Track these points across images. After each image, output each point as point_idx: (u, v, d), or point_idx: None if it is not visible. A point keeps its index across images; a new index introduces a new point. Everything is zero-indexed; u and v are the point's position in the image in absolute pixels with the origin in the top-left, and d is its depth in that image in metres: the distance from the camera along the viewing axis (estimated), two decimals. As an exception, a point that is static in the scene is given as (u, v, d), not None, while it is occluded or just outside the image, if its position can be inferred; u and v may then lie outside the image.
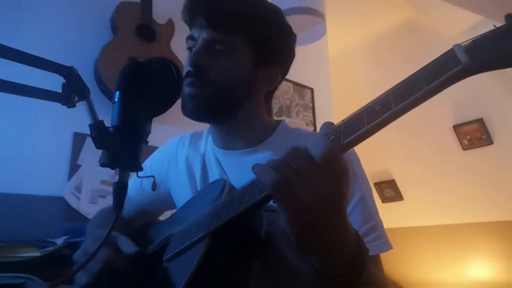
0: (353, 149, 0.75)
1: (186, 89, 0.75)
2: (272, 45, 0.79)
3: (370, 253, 0.64)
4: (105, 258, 0.66)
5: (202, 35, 0.75)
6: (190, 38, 0.78)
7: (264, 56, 0.77)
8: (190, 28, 0.80)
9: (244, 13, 0.76)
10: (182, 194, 0.86)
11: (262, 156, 0.77)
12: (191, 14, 0.77)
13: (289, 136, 0.79)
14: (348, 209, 0.66)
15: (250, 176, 0.55)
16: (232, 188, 0.64)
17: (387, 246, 0.69)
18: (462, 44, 0.39)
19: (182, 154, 0.90)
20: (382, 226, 0.71)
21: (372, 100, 0.45)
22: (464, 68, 0.37)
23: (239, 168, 0.78)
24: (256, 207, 0.51)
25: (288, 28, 0.83)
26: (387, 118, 0.41)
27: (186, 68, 0.76)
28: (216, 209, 0.59)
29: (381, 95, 0.44)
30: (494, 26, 0.38)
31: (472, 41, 0.39)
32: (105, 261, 0.66)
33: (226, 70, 0.74)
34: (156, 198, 0.94)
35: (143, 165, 0.95)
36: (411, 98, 0.40)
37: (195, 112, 0.75)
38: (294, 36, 0.84)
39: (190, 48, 0.78)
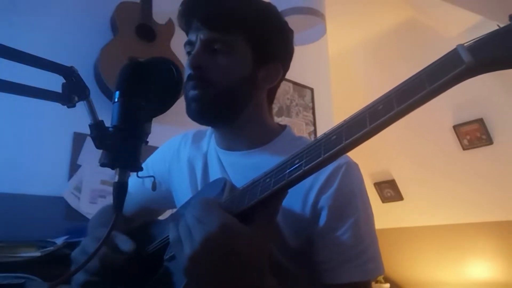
0: (357, 166, 0.74)
1: (190, 92, 0.75)
2: (270, 41, 0.78)
3: (357, 279, 0.65)
4: (102, 256, 0.65)
5: (199, 36, 0.74)
6: (188, 43, 0.78)
7: (263, 53, 0.77)
8: (187, 34, 0.79)
9: (238, 12, 0.75)
10: (183, 192, 0.86)
11: (263, 158, 0.77)
12: (187, 19, 0.77)
13: (291, 144, 0.78)
14: (340, 231, 0.67)
15: (250, 176, 0.56)
16: (233, 187, 0.64)
17: (376, 272, 0.67)
18: (465, 44, 0.38)
19: (184, 152, 0.90)
20: (376, 250, 0.69)
21: (375, 100, 0.44)
22: (467, 68, 0.36)
23: (240, 168, 0.78)
24: (256, 209, 0.51)
25: (284, 23, 0.82)
26: (390, 118, 0.40)
27: (187, 72, 0.76)
28: None
29: (384, 95, 0.43)
30: (498, 25, 0.37)
31: (476, 41, 0.38)
32: (102, 259, 0.66)
33: (226, 69, 0.74)
34: (158, 197, 0.94)
35: (145, 163, 0.97)
36: (414, 98, 0.39)
37: (199, 113, 0.75)
38: (291, 31, 0.84)
39: (189, 53, 0.78)
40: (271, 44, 0.78)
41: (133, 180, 0.67)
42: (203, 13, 0.74)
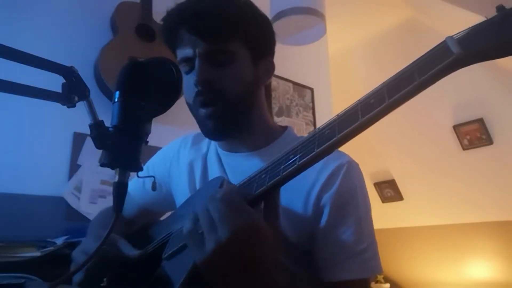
0: (357, 166, 0.75)
1: (202, 111, 0.72)
2: (262, 37, 0.78)
3: (358, 276, 0.67)
4: (103, 255, 0.66)
5: (198, 50, 0.71)
6: (184, 60, 0.74)
7: (258, 51, 0.77)
8: (174, 50, 0.75)
9: (230, 16, 0.72)
10: (182, 194, 0.86)
11: (264, 160, 0.76)
12: (176, 32, 0.73)
13: (292, 144, 0.79)
14: (342, 228, 0.68)
15: None
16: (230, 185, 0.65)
17: (376, 270, 0.69)
18: (454, 36, 0.39)
19: (184, 154, 0.90)
20: (375, 248, 0.71)
21: (366, 94, 0.45)
22: (456, 58, 0.37)
23: (241, 170, 0.78)
24: (253, 204, 0.52)
25: (263, 14, 0.80)
26: (381, 110, 0.41)
27: (190, 91, 0.73)
28: None
29: (375, 88, 0.44)
30: (486, 17, 0.38)
31: (464, 32, 0.39)
32: (103, 259, 0.66)
33: (236, 79, 0.72)
34: (158, 199, 0.94)
35: (146, 165, 0.97)
36: (405, 90, 0.40)
37: (218, 131, 0.74)
38: (267, 17, 0.81)
39: (188, 71, 0.74)
40: (263, 40, 0.79)
41: (133, 182, 0.67)
42: (198, 26, 0.70)
